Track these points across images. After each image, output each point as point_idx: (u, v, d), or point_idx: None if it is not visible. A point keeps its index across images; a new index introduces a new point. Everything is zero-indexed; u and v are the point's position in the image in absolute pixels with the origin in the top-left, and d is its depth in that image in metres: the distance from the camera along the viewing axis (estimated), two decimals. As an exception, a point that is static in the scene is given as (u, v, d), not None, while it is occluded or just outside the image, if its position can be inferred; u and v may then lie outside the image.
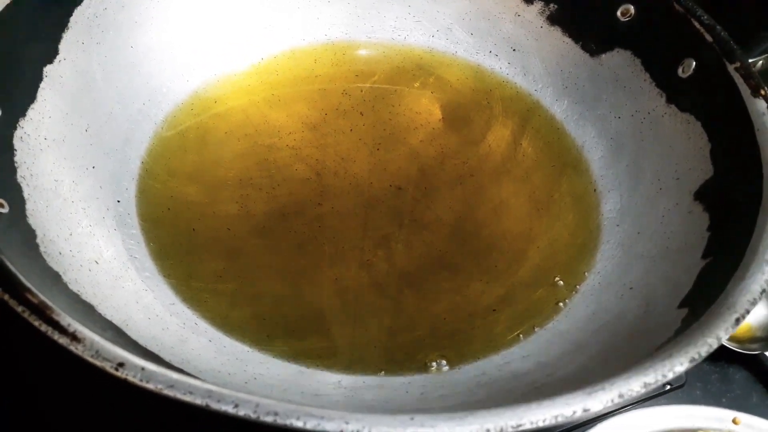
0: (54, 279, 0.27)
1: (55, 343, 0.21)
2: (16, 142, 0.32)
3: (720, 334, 0.25)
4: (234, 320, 0.33)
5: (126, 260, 0.33)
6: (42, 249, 0.29)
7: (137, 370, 0.21)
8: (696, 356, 0.24)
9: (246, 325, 0.33)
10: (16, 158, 0.31)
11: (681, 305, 0.30)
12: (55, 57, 0.36)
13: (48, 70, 0.35)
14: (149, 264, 0.34)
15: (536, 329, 0.34)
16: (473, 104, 0.46)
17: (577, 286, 0.36)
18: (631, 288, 0.34)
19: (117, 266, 0.32)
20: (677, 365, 0.24)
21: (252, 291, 0.35)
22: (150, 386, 0.20)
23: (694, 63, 0.38)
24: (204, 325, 0.32)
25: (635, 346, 0.29)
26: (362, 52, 0.48)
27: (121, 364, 0.21)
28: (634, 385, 0.23)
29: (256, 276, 0.35)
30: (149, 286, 0.32)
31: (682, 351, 0.24)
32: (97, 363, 0.21)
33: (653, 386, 0.23)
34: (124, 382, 0.21)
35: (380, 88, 0.46)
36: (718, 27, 0.38)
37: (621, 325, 0.32)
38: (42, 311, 0.22)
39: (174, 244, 0.36)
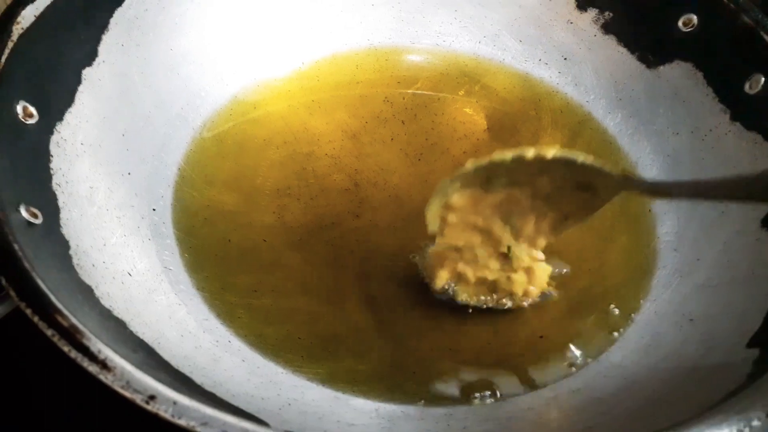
0: (86, 294, 0.26)
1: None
2: (53, 148, 0.31)
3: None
4: (268, 339, 0.31)
5: (160, 272, 0.32)
6: (75, 261, 0.28)
7: (169, 404, 0.19)
8: (775, 409, 0.22)
9: (281, 344, 0.31)
10: (51, 164, 0.31)
11: (750, 344, 0.28)
12: (94, 59, 0.35)
13: (87, 72, 0.34)
14: (183, 276, 0.33)
15: (588, 360, 0.32)
16: (520, 114, 0.44)
17: (632, 315, 0.34)
18: (691, 320, 0.32)
19: (150, 278, 0.31)
20: (754, 419, 0.21)
21: (287, 307, 0.33)
22: (182, 422, 0.19)
23: (764, 79, 0.36)
24: (238, 343, 0.31)
25: (699, 388, 0.27)
26: (405, 58, 0.46)
27: (152, 397, 0.19)
28: (707, 440, 0.21)
29: (292, 291, 0.34)
30: (182, 300, 0.31)
31: (758, 403, 0.22)
32: (127, 395, 0.20)
33: (727, 443, 0.21)
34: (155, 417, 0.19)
35: (423, 95, 0.45)
36: (792, 41, 0.35)
37: (681, 361, 0.30)
38: (72, 335, 0.21)
39: (209, 255, 0.34)
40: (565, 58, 0.45)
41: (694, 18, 0.39)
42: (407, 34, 0.46)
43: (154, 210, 0.35)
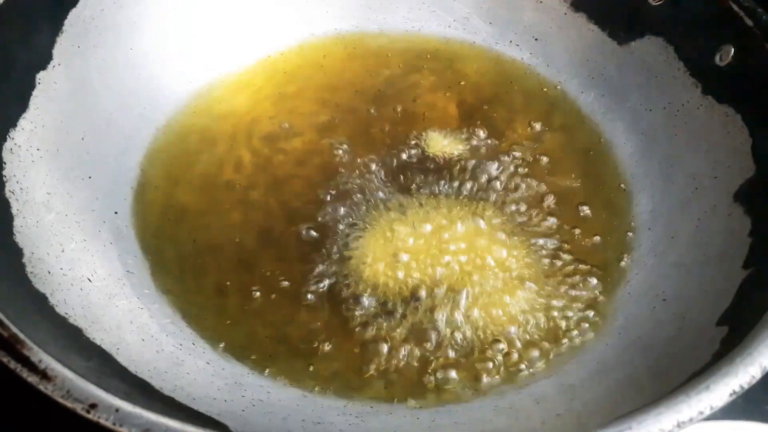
0: (39, 302, 0.26)
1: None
2: (6, 155, 0.31)
3: (764, 363, 0.22)
4: (235, 339, 0.31)
5: (121, 276, 0.31)
6: (29, 269, 0.27)
7: (110, 411, 0.19)
8: (737, 389, 0.22)
9: (247, 344, 0.31)
10: (4, 172, 0.30)
11: (720, 322, 0.27)
12: (48, 63, 0.34)
13: (41, 76, 0.34)
14: (146, 279, 0.32)
15: (563, 346, 0.31)
16: (493, 97, 0.43)
17: (608, 297, 0.33)
18: (664, 300, 0.32)
19: (111, 283, 0.31)
20: (716, 400, 0.21)
21: (254, 307, 0.33)
22: (123, 430, 0.19)
23: (733, 50, 0.35)
24: (202, 346, 0.30)
25: (668, 369, 0.26)
26: (374, 46, 0.45)
27: (93, 406, 0.19)
28: (666, 423, 0.20)
29: (259, 290, 0.33)
30: (145, 303, 0.31)
31: (720, 383, 0.22)
32: (68, 404, 0.19)
33: (687, 425, 0.20)
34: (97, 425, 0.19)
35: (394, 83, 0.44)
36: (759, 10, 0.35)
37: (653, 343, 0.29)
38: (12, 346, 0.20)
39: (173, 256, 0.34)
40: (536, 39, 0.44)
41: (663, -10, 0.39)
42: (375, 21, 0.46)
43: (116, 213, 0.34)
